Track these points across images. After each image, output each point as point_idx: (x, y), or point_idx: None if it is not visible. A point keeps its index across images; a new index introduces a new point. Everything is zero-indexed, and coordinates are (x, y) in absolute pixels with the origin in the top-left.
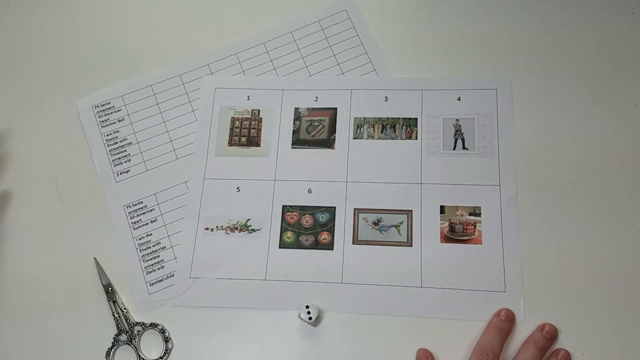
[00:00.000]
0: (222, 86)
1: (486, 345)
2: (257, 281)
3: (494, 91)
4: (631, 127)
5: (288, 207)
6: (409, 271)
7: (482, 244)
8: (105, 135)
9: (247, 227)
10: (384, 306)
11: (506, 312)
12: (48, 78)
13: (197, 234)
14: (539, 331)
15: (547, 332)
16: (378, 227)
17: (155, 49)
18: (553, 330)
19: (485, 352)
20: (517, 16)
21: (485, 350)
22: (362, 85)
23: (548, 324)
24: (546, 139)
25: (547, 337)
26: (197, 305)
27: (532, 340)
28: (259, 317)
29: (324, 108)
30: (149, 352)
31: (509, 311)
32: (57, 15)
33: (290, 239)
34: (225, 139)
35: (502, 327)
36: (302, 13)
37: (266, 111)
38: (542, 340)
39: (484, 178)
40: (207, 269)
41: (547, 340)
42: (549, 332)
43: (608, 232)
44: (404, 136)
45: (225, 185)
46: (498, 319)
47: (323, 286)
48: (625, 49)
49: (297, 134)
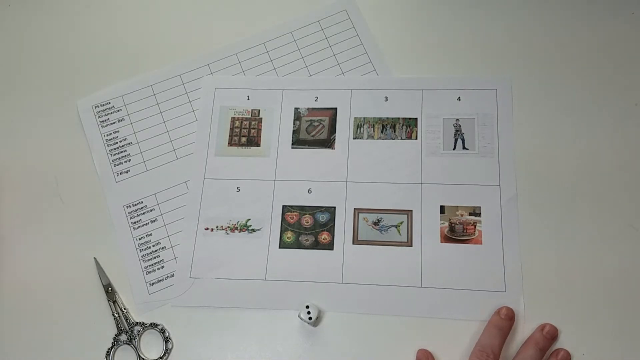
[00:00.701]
0: (222, 86)
1: (486, 345)
2: (257, 281)
3: (494, 91)
4: (631, 127)
5: (288, 207)
6: (409, 271)
7: (482, 244)
8: (105, 135)
9: (247, 227)
10: (384, 306)
11: (506, 310)
12: (48, 78)
13: (197, 234)
14: (539, 331)
15: (547, 332)
16: (378, 227)
17: (155, 49)
18: (553, 331)
19: (485, 351)
20: (518, 16)
21: (485, 349)
22: (362, 85)
23: (548, 324)
24: (546, 139)
25: (548, 337)
26: (197, 305)
27: (532, 340)
28: (259, 317)
29: (324, 108)
30: (149, 352)
31: (509, 309)
32: (57, 15)
33: (290, 239)
34: (225, 138)
35: (502, 325)
36: (302, 13)
37: (266, 111)
38: (542, 341)
39: (484, 178)
40: (207, 269)
41: (547, 340)
42: (549, 332)
43: (608, 232)
44: (404, 136)
45: (225, 185)
46: (498, 317)
47: (323, 286)
48: (625, 49)
49: (297, 134)
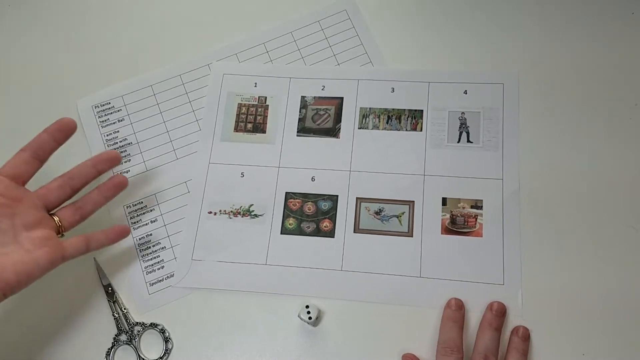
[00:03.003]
0: (230, 72)
1: (447, 340)
2: (257, 265)
3: (500, 85)
4: (631, 127)
5: (291, 194)
6: (409, 261)
7: (483, 237)
8: (105, 135)
9: (250, 213)
10: (383, 295)
11: (455, 301)
12: (48, 78)
13: (200, 217)
14: (489, 311)
15: (496, 310)
16: (379, 217)
17: (155, 49)
18: (502, 307)
19: (449, 347)
20: (524, 14)
21: (448, 345)
22: (369, 76)
23: (496, 302)
24: (550, 134)
25: (499, 314)
26: (197, 287)
27: (485, 323)
28: (260, 317)
29: (331, 97)
30: (149, 352)
31: (457, 300)
32: (57, 15)
33: (292, 225)
34: (231, 124)
35: (456, 317)
36: (302, 13)
37: (273, 98)
38: (495, 320)
39: (487, 171)
40: (208, 252)
41: (499, 317)
42: (498, 309)
43: (609, 229)
44: (409, 127)
45: (229, 170)
46: (450, 310)
47: (323, 273)
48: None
49: (302, 122)
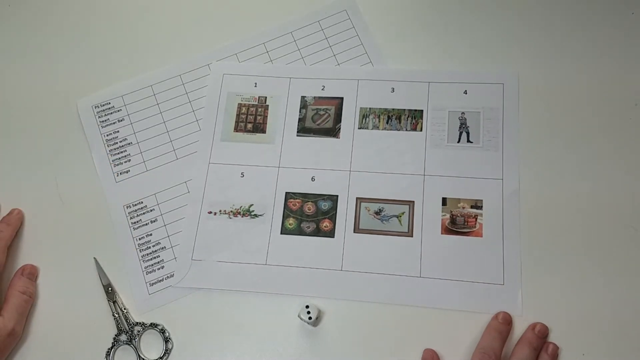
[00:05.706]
0: (230, 72)
1: (487, 347)
2: (257, 265)
3: (500, 85)
4: (632, 126)
5: (291, 194)
6: (409, 261)
7: (483, 237)
8: (105, 135)
9: (250, 212)
10: (382, 295)
11: (503, 314)
12: (48, 78)
13: (200, 217)
14: (531, 331)
15: (538, 331)
16: (379, 217)
17: (155, 49)
18: (544, 329)
19: (487, 353)
20: (524, 13)
21: (486, 351)
22: (369, 76)
23: (539, 324)
24: (550, 134)
25: (540, 336)
26: (197, 287)
27: (525, 340)
28: (260, 317)
29: (331, 97)
30: (149, 352)
31: (506, 314)
32: (57, 15)
33: (292, 225)
34: (231, 124)
35: (502, 329)
36: (302, 13)
37: (273, 98)
38: (535, 340)
39: (487, 171)
40: (208, 252)
41: (540, 339)
42: (541, 331)
43: (609, 229)
44: (409, 127)
45: (229, 170)
46: (497, 321)
47: (323, 273)
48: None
49: (302, 122)
